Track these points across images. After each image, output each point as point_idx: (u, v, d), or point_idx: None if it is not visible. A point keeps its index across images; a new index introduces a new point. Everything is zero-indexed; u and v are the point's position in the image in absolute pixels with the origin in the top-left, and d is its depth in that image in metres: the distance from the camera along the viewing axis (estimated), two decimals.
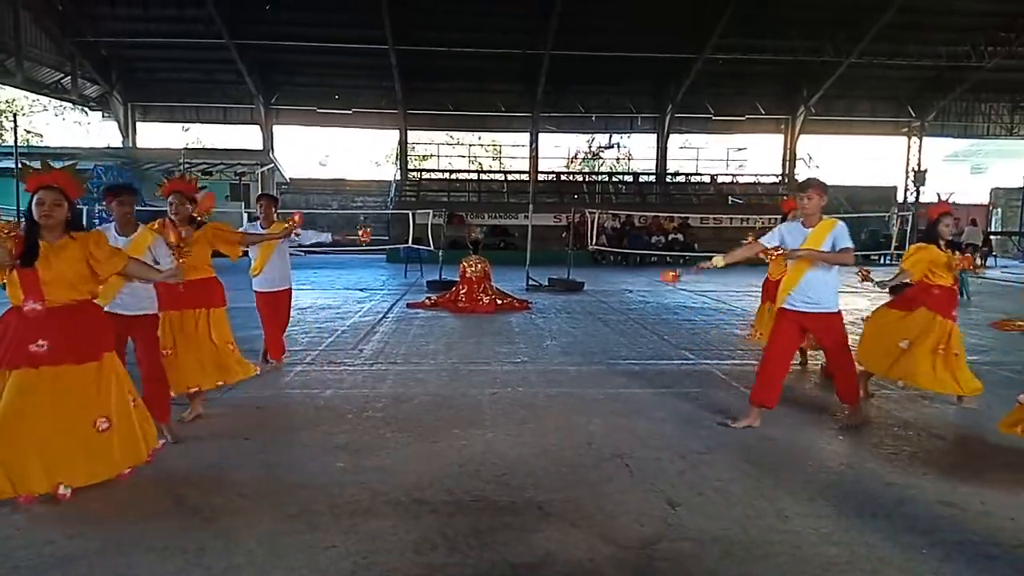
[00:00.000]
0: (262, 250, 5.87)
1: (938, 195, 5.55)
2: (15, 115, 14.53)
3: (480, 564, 2.82)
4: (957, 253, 5.19)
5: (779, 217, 6.41)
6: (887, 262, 21.13)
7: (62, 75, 24.17)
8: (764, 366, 4.60)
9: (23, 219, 3.39)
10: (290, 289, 6.23)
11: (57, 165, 3.47)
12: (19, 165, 13.12)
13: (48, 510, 3.24)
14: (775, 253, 4.85)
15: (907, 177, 27.74)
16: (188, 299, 4.59)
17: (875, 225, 24.00)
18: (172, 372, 4.40)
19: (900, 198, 27.08)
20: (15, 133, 12.98)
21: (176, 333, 4.56)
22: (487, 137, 34.96)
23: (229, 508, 3.29)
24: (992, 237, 23.75)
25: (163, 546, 2.92)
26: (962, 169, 38.64)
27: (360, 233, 6.72)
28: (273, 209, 6.03)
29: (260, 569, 2.76)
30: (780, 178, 29.16)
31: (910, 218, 15.34)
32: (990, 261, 21.99)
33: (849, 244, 4.33)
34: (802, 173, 29.95)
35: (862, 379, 5.26)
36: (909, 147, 28.77)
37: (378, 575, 2.73)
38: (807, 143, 30.09)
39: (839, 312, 4.54)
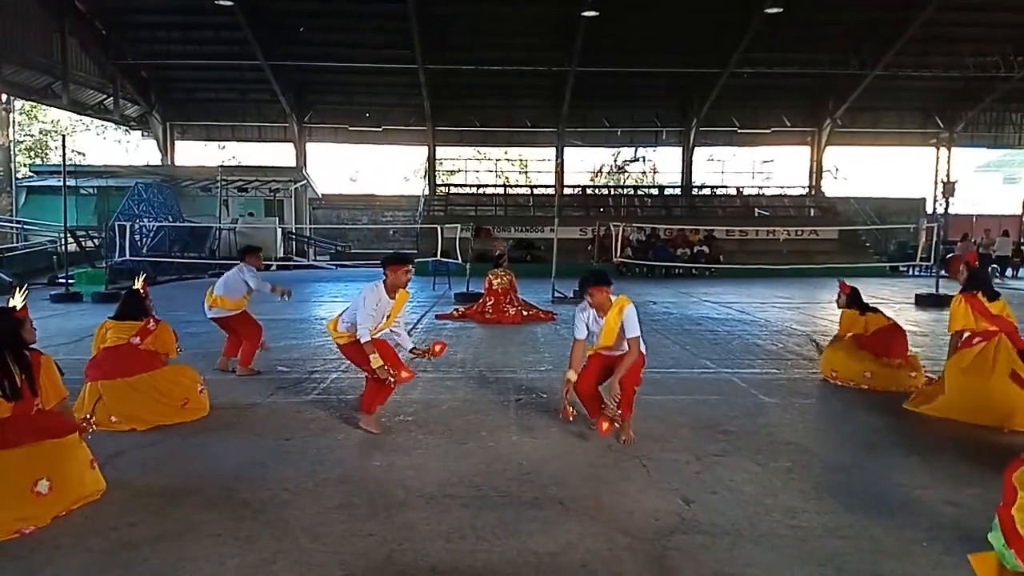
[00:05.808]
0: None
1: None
2: (63, 136, 15.10)
3: (506, 551, 3.06)
4: None
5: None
6: (914, 273, 21.00)
7: (105, 96, 25.20)
8: None
9: None
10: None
11: (99, 183, 3.75)
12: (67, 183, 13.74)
13: (110, 502, 3.56)
14: None
15: (936, 188, 27.48)
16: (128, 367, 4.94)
17: (903, 236, 23.85)
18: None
19: (929, 209, 26.83)
20: (63, 153, 13.57)
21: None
22: (514, 152, 35.38)
23: (275, 501, 3.58)
24: None
25: (218, 533, 3.22)
26: (995, 179, 38.05)
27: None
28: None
29: (306, 553, 3.04)
30: (807, 190, 29.09)
31: (936, 229, 15.26)
32: (1022, 272, 21.73)
33: (637, 331, 4.53)
34: (829, 185, 29.88)
35: None
36: (938, 158, 28.51)
37: (412, 560, 2.98)
38: (834, 155, 30.07)
39: None
